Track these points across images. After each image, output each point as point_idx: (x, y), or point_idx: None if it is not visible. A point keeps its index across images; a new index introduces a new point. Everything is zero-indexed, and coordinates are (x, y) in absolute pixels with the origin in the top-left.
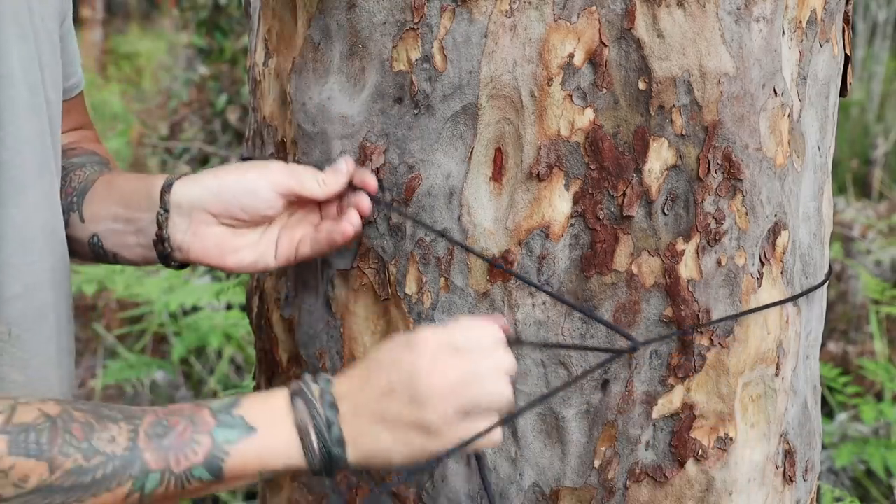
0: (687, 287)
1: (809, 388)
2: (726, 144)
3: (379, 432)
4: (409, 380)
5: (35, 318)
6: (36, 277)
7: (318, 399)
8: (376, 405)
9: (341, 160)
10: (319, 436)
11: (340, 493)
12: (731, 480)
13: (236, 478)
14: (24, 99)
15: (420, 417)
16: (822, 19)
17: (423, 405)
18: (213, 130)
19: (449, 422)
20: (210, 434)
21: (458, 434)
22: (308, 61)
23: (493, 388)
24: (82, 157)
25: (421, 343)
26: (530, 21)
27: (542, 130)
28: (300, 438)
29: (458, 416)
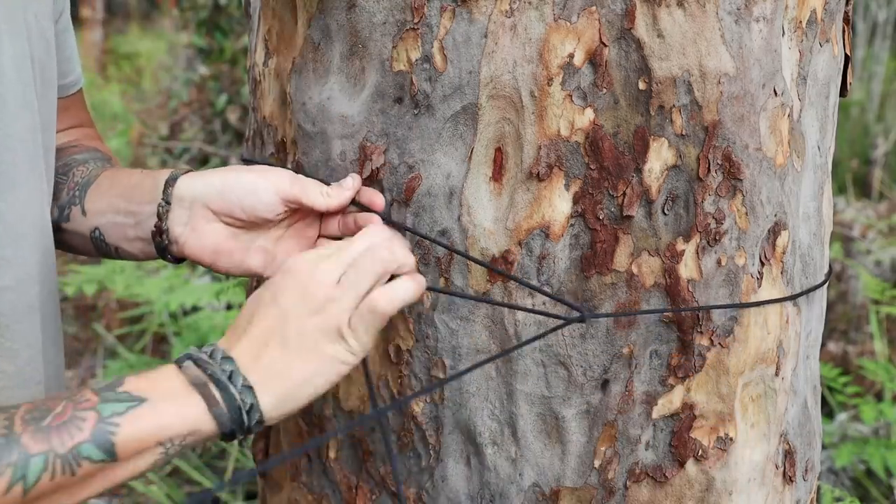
0: (687, 287)
1: (809, 388)
2: (726, 144)
3: (289, 361)
4: (300, 295)
5: (25, 310)
6: (26, 271)
7: (207, 356)
8: (275, 336)
9: (349, 177)
10: (222, 388)
11: (340, 492)
12: (731, 480)
13: (134, 454)
14: (16, 96)
15: (325, 320)
16: (822, 19)
17: (324, 307)
18: (213, 130)
19: (356, 312)
20: (94, 409)
21: (370, 321)
22: (308, 61)
23: (384, 254)
24: (84, 153)
25: (295, 264)
26: (530, 21)
27: (542, 130)
28: (201, 396)
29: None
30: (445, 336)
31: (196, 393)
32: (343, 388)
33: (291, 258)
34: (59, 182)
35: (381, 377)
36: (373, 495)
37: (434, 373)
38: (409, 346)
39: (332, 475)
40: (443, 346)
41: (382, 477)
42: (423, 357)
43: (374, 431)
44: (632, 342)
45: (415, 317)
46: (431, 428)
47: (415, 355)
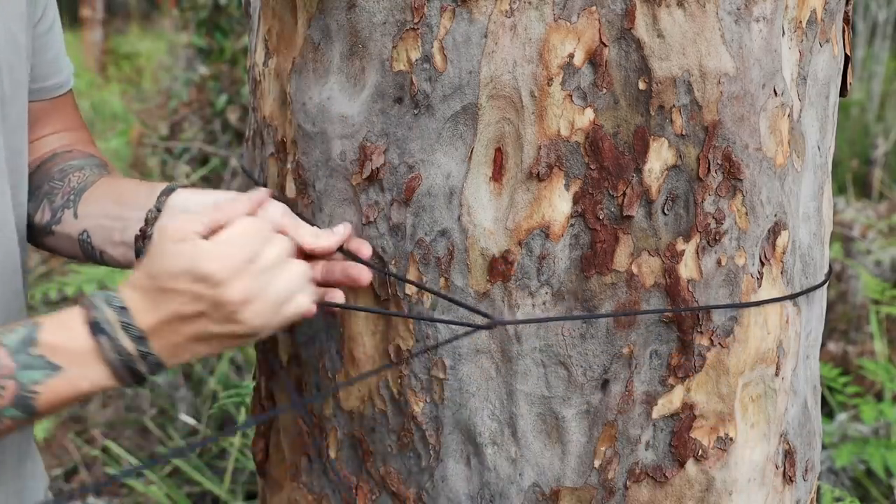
0: (687, 287)
1: (809, 388)
2: (726, 144)
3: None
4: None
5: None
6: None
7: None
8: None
9: (341, 224)
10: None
11: (340, 492)
12: (731, 480)
13: (50, 410)
14: None
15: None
16: (822, 19)
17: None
18: (213, 130)
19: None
20: (14, 378)
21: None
22: (308, 61)
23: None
24: (80, 159)
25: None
26: (530, 21)
27: (542, 130)
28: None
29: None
30: (445, 336)
31: (103, 362)
32: (343, 387)
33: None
34: (55, 187)
35: (381, 377)
36: (373, 495)
37: (434, 373)
38: (409, 346)
39: (332, 475)
40: (443, 346)
41: (382, 477)
42: (423, 357)
43: (374, 431)
44: (632, 342)
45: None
46: (431, 428)
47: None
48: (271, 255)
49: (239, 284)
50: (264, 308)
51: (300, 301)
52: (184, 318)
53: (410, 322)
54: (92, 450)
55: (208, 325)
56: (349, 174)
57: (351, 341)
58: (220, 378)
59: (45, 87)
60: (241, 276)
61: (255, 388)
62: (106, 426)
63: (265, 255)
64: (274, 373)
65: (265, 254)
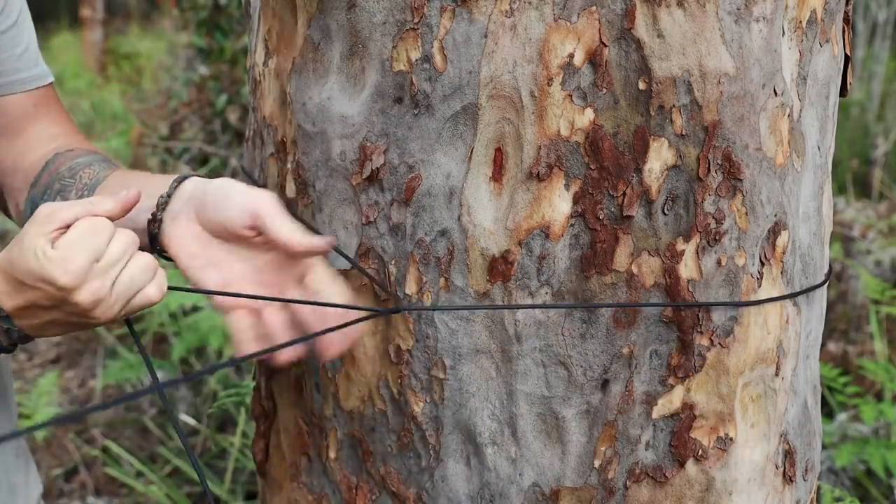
0: (687, 287)
1: (809, 388)
2: (726, 144)
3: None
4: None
5: None
6: None
7: None
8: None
9: (327, 236)
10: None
11: (340, 493)
12: (731, 480)
13: None
14: None
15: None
16: (822, 19)
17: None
18: (213, 130)
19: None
20: None
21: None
22: (308, 61)
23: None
24: (87, 156)
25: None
26: (530, 21)
27: (542, 130)
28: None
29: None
30: (445, 336)
31: None
32: (343, 387)
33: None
34: (67, 184)
35: (381, 377)
36: (373, 495)
37: (434, 373)
38: (409, 346)
39: (332, 475)
40: (443, 346)
41: (382, 477)
42: (423, 357)
43: (374, 431)
44: (632, 342)
45: (415, 317)
46: (431, 428)
47: (415, 355)
48: (115, 252)
49: (86, 288)
50: (114, 304)
51: (149, 293)
52: (40, 308)
53: (410, 322)
54: (92, 450)
55: (63, 316)
56: (349, 174)
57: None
58: (220, 378)
59: (19, 79)
60: (88, 280)
61: (255, 387)
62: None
63: (109, 252)
64: (274, 373)
65: (109, 251)
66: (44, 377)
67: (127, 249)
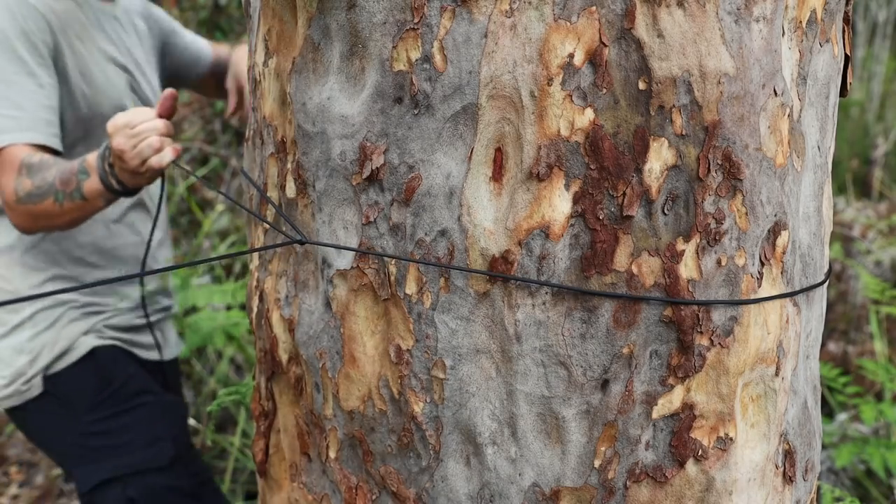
0: (687, 287)
1: (809, 388)
2: (726, 144)
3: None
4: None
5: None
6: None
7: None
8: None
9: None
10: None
11: (340, 493)
12: (731, 480)
13: (90, 197)
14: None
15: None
16: (822, 19)
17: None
18: (213, 130)
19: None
20: (76, 176)
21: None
22: (308, 61)
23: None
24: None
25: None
26: (530, 21)
27: (542, 130)
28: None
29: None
30: (445, 336)
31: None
32: (343, 387)
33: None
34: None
35: (381, 377)
36: (372, 495)
37: (434, 373)
38: (409, 346)
39: (332, 475)
40: (443, 346)
41: (382, 477)
42: (423, 357)
43: (374, 431)
44: (632, 342)
45: (415, 316)
46: (431, 428)
47: (415, 355)
48: (139, 128)
49: (115, 138)
50: (133, 158)
51: (152, 160)
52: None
53: (410, 322)
54: None
55: (119, 162)
56: (349, 174)
57: (351, 341)
58: (220, 378)
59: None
60: (118, 135)
61: (255, 387)
62: None
63: (137, 127)
64: (274, 373)
65: (137, 126)
66: None
67: (146, 130)
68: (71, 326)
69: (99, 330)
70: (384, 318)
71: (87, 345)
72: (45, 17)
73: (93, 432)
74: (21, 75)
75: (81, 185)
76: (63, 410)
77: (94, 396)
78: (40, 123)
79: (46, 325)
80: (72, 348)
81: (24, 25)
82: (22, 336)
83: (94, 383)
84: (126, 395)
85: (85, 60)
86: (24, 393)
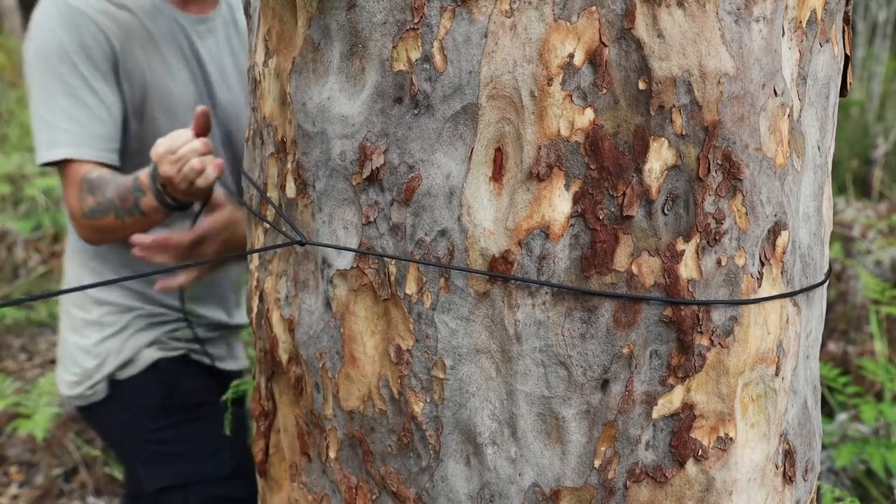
0: (687, 287)
1: (809, 388)
2: (726, 144)
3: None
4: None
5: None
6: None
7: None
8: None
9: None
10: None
11: (340, 493)
12: (731, 480)
13: (147, 214)
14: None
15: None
16: (822, 19)
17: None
18: None
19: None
20: (132, 193)
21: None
22: (308, 61)
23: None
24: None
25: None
26: (530, 21)
27: (542, 130)
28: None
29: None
30: (445, 336)
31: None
32: (343, 387)
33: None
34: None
35: (381, 377)
36: (372, 495)
37: (434, 373)
38: (409, 346)
39: (332, 475)
40: (443, 346)
41: (382, 477)
42: (423, 357)
43: (374, 431)
44: (632, 342)
45: (415, 316)
46: (431, 428)
47: (415, 355)
48: (180, 152)
49: (161, 166)
50: (180, 182)
51: (199, 181)
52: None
53: (410, 322)
54: (92, 450)
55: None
56: (349, 174)
57: (351, 341)
58: None
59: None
60: (162, 163)
61: (255, 387)
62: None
63: (178, 151)
64: (274, 373)
65: (178, 150)
66: (44, 377)
67: (186, 154)
68: (136, 337)
69: (163, 342)
70: (384, 318)
71: (151, 357)
72: (103, 30)
73: (156, 440)
74: (79, 89)
75: (139, 202)
76: (127, 415)
77: (157, 406)
78: (94, 139)
79: (113, 332)
80: (135, 359)
81: (82, 39)
82: (90, 338)
83: (158, 393)
84: (189, 405)
85: (147, 70)
86: (90, 396)
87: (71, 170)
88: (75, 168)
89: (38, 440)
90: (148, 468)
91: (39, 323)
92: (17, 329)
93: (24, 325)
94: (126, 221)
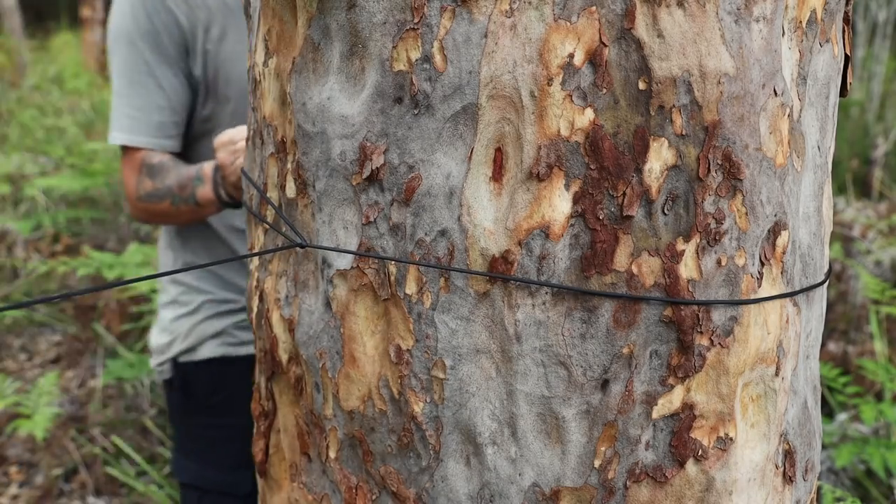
0: (687, 287)
1: (809, 388)
2: (726, 144)
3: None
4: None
5: None
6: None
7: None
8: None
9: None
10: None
11: (340, 493)
12: (731, 480)
13: (202, 203)
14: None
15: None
16: (822, 19)
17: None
18: None
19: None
20: (191, 183)
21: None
22: (308, 61)
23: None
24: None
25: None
26: (530, 21)
27: (542, 130)
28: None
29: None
30: (445, 336)
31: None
32: (343, 387)
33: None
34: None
35: (381, 377)
36: (372, 495)
37: (434, 373)
38: (409, 346)
39: (332, 475)
40: (443, 346)
41: (382, 477)
42: (423, 357)
43: (374, 431)
44: (632, 342)
45: (415, 316)
46: (431, 428)
47: (415, 355)
48: (241, 144)
49: (219, 153)
50: (232, 172)
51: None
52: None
53: (410, 322)
54: (92, 449)
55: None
56: (349, 174)
57: (351, 341)
58: None
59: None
60: (221, 150)
61: (255, 387)
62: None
63: (239, 143)
64: (274, 373)
65: (239, 143)
66: (44, 377)
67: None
68: (204, 325)
69: (230, 332)
70: (384, 318)
71: (210, 352)
72: (173, 14)
73: (192, 435)
74: (142, 75)
75: (196, 191)
76: (177, 400)
77: (201, 401)
78: (153, 127)
79: (185, 312)
80: (197, 347)
81: (149, 24)
82: (168, 314)
83: (203, 389)
84: (223, 410)
85: (220, 57)
86: (161, 373)
87: (130, 153)
88: (134, 152)
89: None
90: (179, 458)
91: (40, 323)
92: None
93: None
94: (180, 209)
